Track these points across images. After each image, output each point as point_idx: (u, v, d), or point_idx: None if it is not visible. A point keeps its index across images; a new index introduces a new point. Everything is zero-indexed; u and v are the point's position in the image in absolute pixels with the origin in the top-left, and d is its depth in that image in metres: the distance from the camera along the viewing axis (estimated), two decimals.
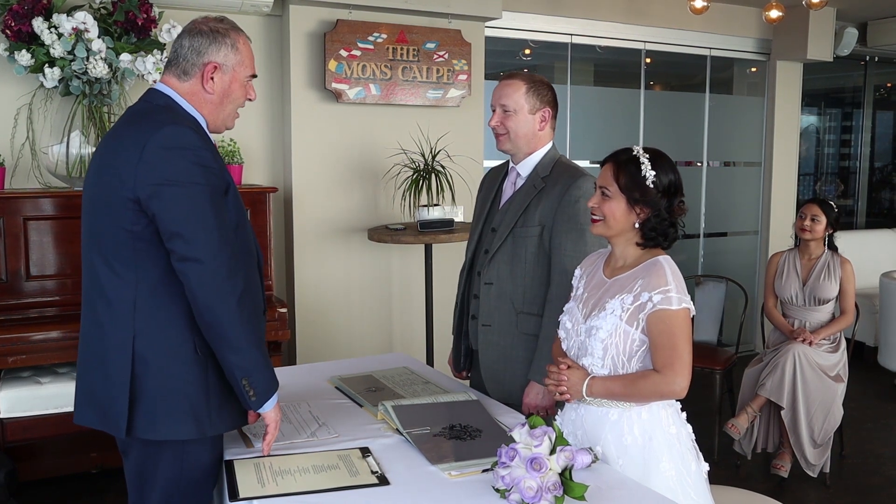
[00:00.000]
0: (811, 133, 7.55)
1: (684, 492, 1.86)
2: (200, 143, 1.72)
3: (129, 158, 1.68)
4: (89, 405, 1.78)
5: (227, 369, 1.75)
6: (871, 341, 5.76)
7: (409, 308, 4.52)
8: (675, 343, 1.82)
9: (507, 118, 2.36)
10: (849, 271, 3.88)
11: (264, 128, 4.26)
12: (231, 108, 1.86)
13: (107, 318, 1.74)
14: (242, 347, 1.72)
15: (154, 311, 1.72)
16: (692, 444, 1.94)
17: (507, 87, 2.36)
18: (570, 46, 5.25)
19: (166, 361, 1.72)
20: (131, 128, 1.76)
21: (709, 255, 6.10)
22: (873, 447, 4.30)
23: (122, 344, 1.71)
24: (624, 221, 1.90)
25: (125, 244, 1.71)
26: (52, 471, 3.58)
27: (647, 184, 1.87)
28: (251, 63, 1.86)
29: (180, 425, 1.73)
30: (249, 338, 1.73)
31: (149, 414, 1.72)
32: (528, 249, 2.34)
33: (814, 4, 4.12)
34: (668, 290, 1.83)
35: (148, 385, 1.71)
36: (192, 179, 1.68)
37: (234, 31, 1.85)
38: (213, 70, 1.80)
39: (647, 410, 1.90)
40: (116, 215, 1.70)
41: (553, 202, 2.32)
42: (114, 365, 1.72)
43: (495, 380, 2.42)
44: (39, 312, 3.40)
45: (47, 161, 3.56)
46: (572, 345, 1.99)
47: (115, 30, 3.51)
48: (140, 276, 1.71)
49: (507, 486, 1.62)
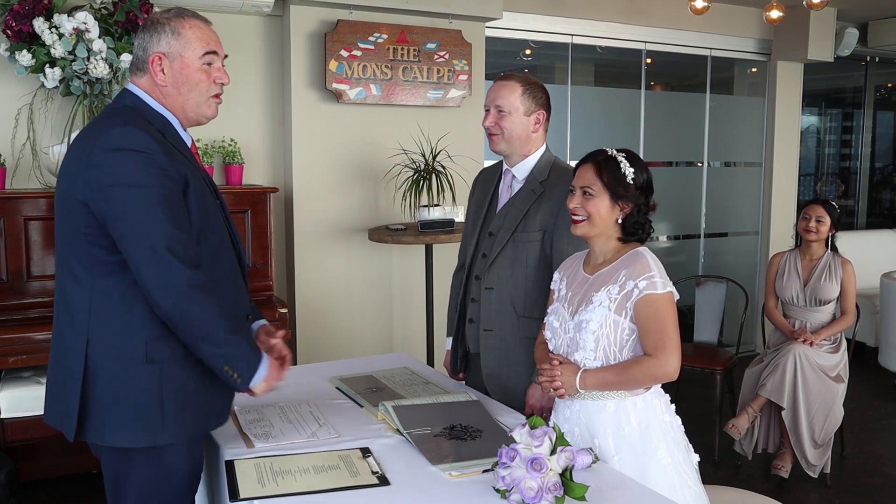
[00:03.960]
0: (812, 133, 7.55)
1: (681, 480, 1.91)
2: (153, 144, 1.67)
3: (79, 160, 1.67)
4: (52, 406, 1.79)
5: (206, 360, 1.72)
6: (871, 342, 5.75)
7: (410, 308, 4.52)
8: (664, 325, 1.89)
9: (501, 118, 2.36)
10: (850, 272, 3.88)
11: (265, 128, 4.26)
12: (197, 96, 1.80)
13: (66, 322, 1.74)
14: (215, 337, 1.69)
15: (108, 317, 1.69)
16: (683, 435, 2.01)
17: (503, 87, 2.36)
18: (571, 47, 5.25)
19: (117, 368, 1.69)
20: (87, 130, 1.75)
21: (709, 255, 6.10)
22: (874, 448, 4.29)
23: (77, 348, 1.70)
24: (608, 219, 1.97)
25: (81, 248, 1.69)
26: (53, 471, 3.58)
27: (627, 180, 1.96)
28: (203, 44, 1.78)
29: (128, 433, 1.71)
30: (219, 325, 1.69)
31: (97, 419, 1.70)
32: (530, 254, 2.35)
33: (814, 5, 4.12)
34: (652, 276, 1.90)
35: (98, 390, 1.69)
36: (141, 181, 1.64)
37: (178, 17, 1.78)
38: (159, 61, 1.76)
39: (643, 400, 1.96)
40: (72, 219, 1.69)
41: (553, 207, 2.33)
42: (68, 369, 1.71)
43: (497, 384, 2.42)
44: (40, 312, 3.39)
45: (48, 161, 3.57)
46: (560, 343, 2.02)
47: (116, 30, 3.51)
48: (95, 281, 1.69)
49: (508, 486, 1.62)
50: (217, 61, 1.82)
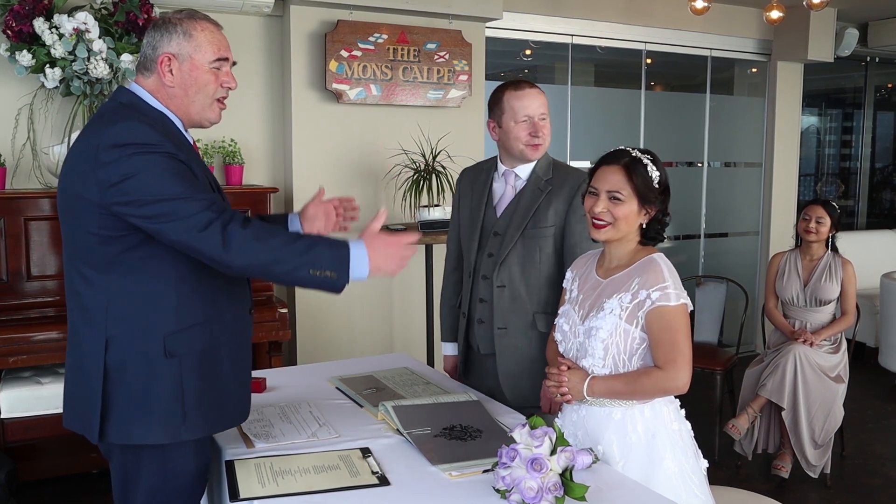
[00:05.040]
0: (812, 134, 7.55)
1: (687, 489, 1.87)
2: (157, 136, 1.67)
3: (85, 161, 1.65)
4: (72, 410, 1.78)
5: (291, 283, 1.68)
6: (871, 342, 5.75)
7: (410, 308, 4.52)
8: (676, 339, 1.84)
9: (545, 126, 2.41)
10: (850, 272, 3.88)
11: (265, 128, 4.26)
12: (203, 99, 1.79)
13: (82, 324, 1.73)
14: (277, 256, 1.65)
15: (126, 316, 1.69)
16: (692, 441, 1.96)
17: (541, 95, 2.41)
18: (571, 47, 5.25)
19: (139, 365, 1.69)
20: (88, 129, 1.74)
21: (709, 255, 6.10)
22: (874, 448, 4.29)
23: (96, 350, 1.69)
24: (634, 224, 1.92)
25: (94, 249, 1.68)
26: (53, 471, 3.58)
27: (654, 184, 1.90)
28: (214, 48, 1.78)
29: (152, 430, 1.71)
30: (272, 246, 1.65)
31: (121, 419, 1.70)
32: (543, 250, 2.38)
33: (814, 5, 4.11)
34: (666, 287, 1.84)
35: (121, 389, 1.69)
36: (152, 168, 1.62)
37: (190, 19, 1.78)
38: (168, 61, 1.75)
39: (650, 408, 1.91)
40: (81, 221, 1.68)
41: (564, 203, 2.37)
42: (88, 371, 1.71)
43: (515, 384, 2.42)
44: (40, 312, 3.40)
45: (48, 161, 3.57)
46: (570, 347, 1.99)
47: (116, 30, 3.51)
48: (110, 281, 1.69)
49: (508, 486, 1.62)
50: (226, 66, 1.82)
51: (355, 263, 1.70)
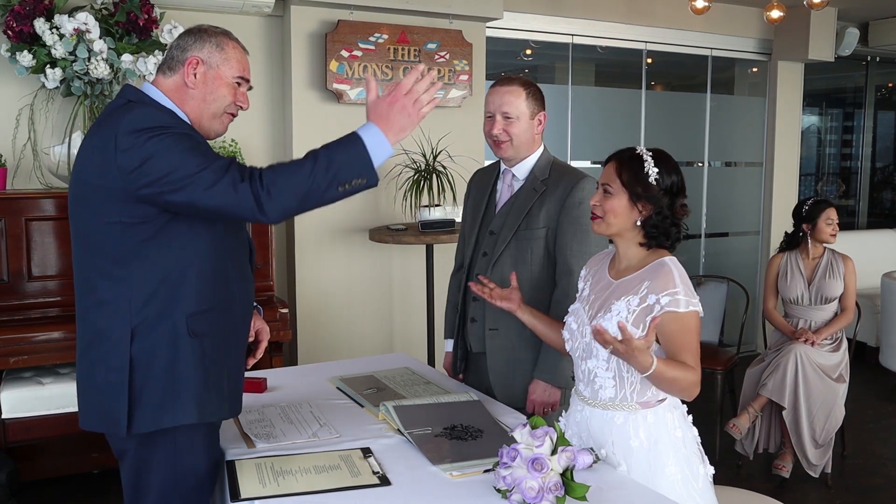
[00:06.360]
0: (812, 133, 7.55)
1: (689, 496, 1.84)
2: (171, 120, 1.71)
3: (105, 150, 1.67)
4: (91, 408, 1.78)
5: (331, 199, 1.67)
6: (872, 342, 5.75)
7: (410, 308, 4.52)
8: (683, 346, 1.80)
9: (509, 125, 2.34)
10: (851, 268, 3.91)
11: (265, 128, 4.26)
12: (216, 109, 1.82)
13: (102, 319, 1.73)
14: (307, 189, 1.64)
15: (151, 302, 1.71)
16: (698, 448, 1.93)
17: (508, 93, 2.34)
18: (572, 47, 5.25)
19: (167, 348, 1.71)
20: (100, 125, 1.75)
21: (710, 255, 6.10)
22: (875, 447, 4.29)
23: (122, 342, 1.70)
24: (625, 219, 1.88)
25: (115, 240, 1.70)
26: (54, 471, 3.58)
27: (649, 181, 1.86)
28: (240, 67, 1.83)
29: (184, 409, 1.72)
30: (299, 180, 1.64)
31: (150, 405, 1.71)
32: (535, 252, 2.36)
33: (815, 4, 4.11)
34: (675, 293, 1.80)
35: (148, 377, 1.70)
36: (171, 148, 1.65)
37: (225, 35, 1.84)
38: (196, 64, 1.79)
39: (654, 413, 1.88)
40: (103, 211, 1.69)
41: (556, 204, 2.34)
42: (113, 365, 1.71)
43: (505, 383, 2.42)
44: (41, 313, 3.40)
45: (49, 162, 3.57)
46: (577, 346, 1.98)
47: (117, 30, 3.51)
48: (132, 270, 1.70)
49: (509, 486, 1.62)
50: (244, 87, 1.87)
51: (375, 151, 1.67)
